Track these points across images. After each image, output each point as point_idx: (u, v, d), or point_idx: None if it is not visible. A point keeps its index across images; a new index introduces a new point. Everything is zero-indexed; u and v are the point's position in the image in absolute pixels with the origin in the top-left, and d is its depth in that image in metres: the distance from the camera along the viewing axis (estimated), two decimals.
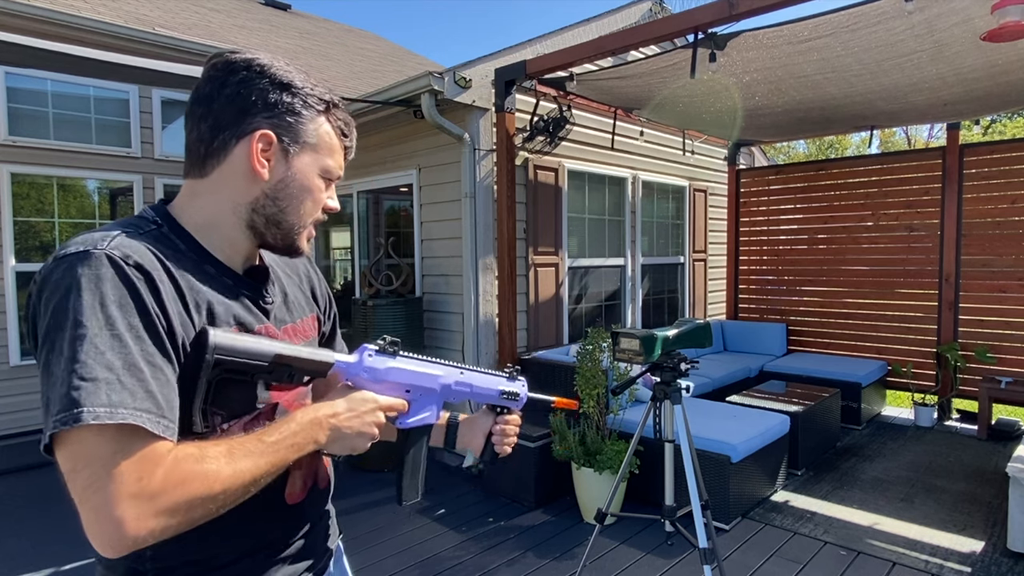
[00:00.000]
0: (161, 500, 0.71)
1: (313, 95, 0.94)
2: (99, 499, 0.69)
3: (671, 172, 6.68)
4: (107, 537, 0.69)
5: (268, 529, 0.97)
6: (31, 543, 3.46)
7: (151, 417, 0.73)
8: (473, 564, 3.18)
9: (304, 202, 0.96)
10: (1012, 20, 2.81)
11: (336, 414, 0.91)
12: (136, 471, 0.71)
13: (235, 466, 0.78)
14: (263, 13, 9.20)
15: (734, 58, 3.93)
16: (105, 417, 0.69)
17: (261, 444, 0.82)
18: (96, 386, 0.70)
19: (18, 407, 4.98)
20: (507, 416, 1.23)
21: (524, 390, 1.22)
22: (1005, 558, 3.14)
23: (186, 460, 0.75)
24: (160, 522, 0.71)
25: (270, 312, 0.99)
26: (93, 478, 0.70)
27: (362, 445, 0.94)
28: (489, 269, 4.69)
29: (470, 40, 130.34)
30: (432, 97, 4.33)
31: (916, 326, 5.95)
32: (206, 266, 0.91)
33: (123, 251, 0.79)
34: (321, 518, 1.10)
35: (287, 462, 0.85)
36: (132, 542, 0.70)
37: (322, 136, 0.95)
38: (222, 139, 0.90)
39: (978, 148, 5.69)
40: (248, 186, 0.92)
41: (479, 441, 1.23)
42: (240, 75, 0.90)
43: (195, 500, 0.74)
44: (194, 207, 0.93)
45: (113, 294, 0.75)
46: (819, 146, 22.20)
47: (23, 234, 5.05)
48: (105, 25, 5.05)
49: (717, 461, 3.50)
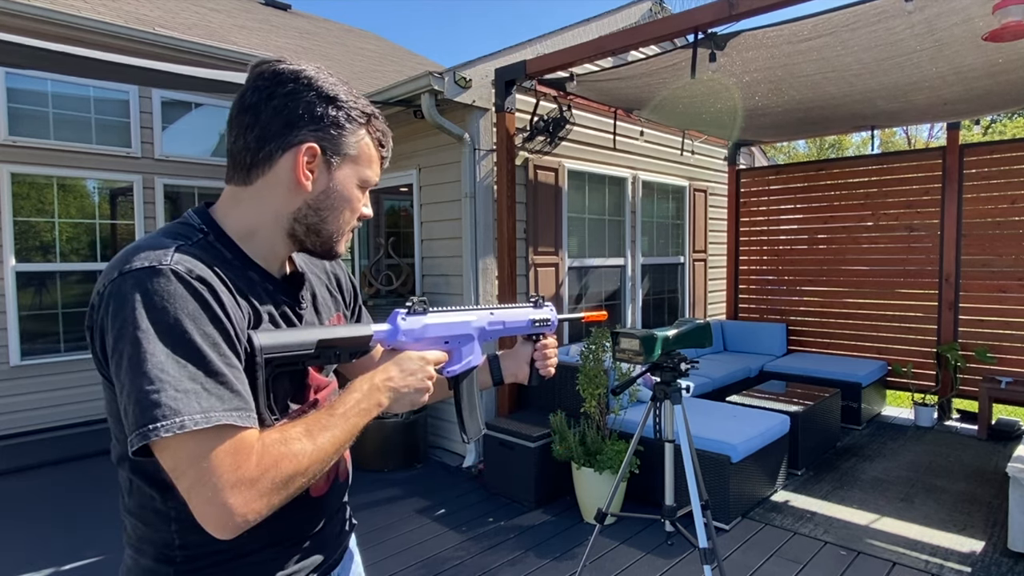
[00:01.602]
0: (260, 483, 0.79)
1: (356, 108, 0.97)
2: (207, 492, 0.76)
3: (671, 172, 6.68)
4: (222, 523, 0.77)
5: (293, 521, 1.00)
6: (32, 543, 3.46)
7: (239, 414, 0.80)
8: (473, 564, 3.18)
9: (343, 211, 0.99)
10: (1013, 20, 2.81)
11: (390, 377, 0.98)
12: (233, 461, 0.78)
13: (316, 442, 0.85)
14: (263, 13, 9.20)
15: (734, 58, 3.93)
16: (203, 423, 0.76)
17: (332, 417, 0.89)
18: (187, 396, 0.77)
19: (18, 407, 4.98)
20: (544, 340, 1.32)
21: (553, 314, 1.31)
22: (1005, 558, 3.14)
23: (273, 444, 0.82)
24: (264, 502, 0.79)
25: (303, 318, 1.04)
26: (198, 475, 0.76)
27: (420, 399, 1.02)
28: (489, 269, 4.69)
29: (470, 40, 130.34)
30: (432, 97, 4.33)
31: (916, 326, 5.95)
32: (250, 272, 0.95)
33: (186, 265, 0.83)
34: (339, 511, 1.15)
35: (359, 428, 0.93)
36: (244, 523, 0.78)
37: (362, 148, 0.98)
38: (268, 150, 0.92)
39: (978, 148, 5.69)
40: (291, 196, 0.95)
41: (524, 370, 1.33)
42: (288, 87, 0.92)
43: (289, 477, 0.82)
44: (237, 214, 0.96)
45: (184, 307, 0.80)
46: (819, 146, 22.20)
47: (23, 234, 5.05)
48: (105, 25, 5.06)
49: (717, 461, 3.50)
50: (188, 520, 0.80)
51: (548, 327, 1.30)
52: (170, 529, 0.90)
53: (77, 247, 5.35)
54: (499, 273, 4.57)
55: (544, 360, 1.31)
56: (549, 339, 1.32)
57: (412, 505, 3.94)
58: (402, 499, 4.05)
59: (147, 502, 0.91)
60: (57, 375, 5.15)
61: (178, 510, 0.88)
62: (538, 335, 1.31)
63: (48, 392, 5.11)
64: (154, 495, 0.89)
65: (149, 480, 0.89)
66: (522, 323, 1.24)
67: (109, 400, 0.87)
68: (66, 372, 5.18)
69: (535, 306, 1.28)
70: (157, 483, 0.88)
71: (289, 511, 0.96)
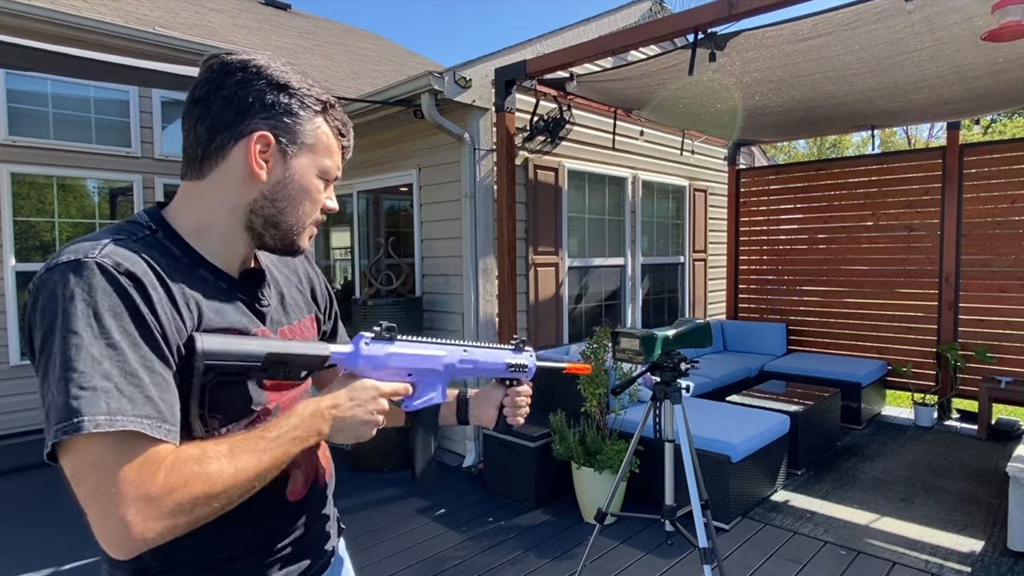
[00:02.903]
0: (164, 502, 0.73)
1: (310, 95, 0.94)
2: (104, 504, 0.71)
3: (671, 172, 6.68)
4: (115, 540, 0.72)
5: (270, 527, 0.98)
6: (32, 542, 3.46)
7: (151, 423, 0.74)
8: (473, 564, 3.18)
9: (303, 203, 0.95)
10: (1013, 20, 2.81)
11: (337, 404, 0.91)
12: (137, 476, 0.72)
13: (237, 464, 0.79)
14: (263, 13, 9.20)
15: (734, 58, 3.93)
16: (105, 425, 0.71)
17: (263, 440, 0.83)
18: (95, 395, 0.71)
19: (18, 407, 4.98)
20: (517, 388, 1.22)
21: (532, 360, 1.21)
22: (1005, 558, 3.14)
23: (187, 462, 0.76)
24: (165, 523, 0.73)
25: (266, 315, 0.99)
26: (96, 484, 0.71)
27: (367, 433, 0.95)
28: (489, 269, 4.69)
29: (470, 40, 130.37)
30: (432, 97, 4.33)
31: (916, 326, 5.95)
32: (201, 271, 0.91)
33: (113, 259, 0.79)
34: (322, 515, 1.10)
35: (291, 456, 0.86)
36: (141, 543, 0.72)
37: (320, 137, 0.95)
38: (219, 141, 0.89)
39: (978, 148, 5.69)
40: (246, 188, 0.92)
41: (491, 414, 1.24)
42: (237, 76, 0.89)
43: (197, 500, 0.75)
44: (190, 209, 0.93)
45: (106, 302, 0.76)
46: (819, 146, 22.20)
47: (23, 234, 5.05)
48: (105, 25, 5.06)
49: (717, 461, 3.50)
50: None
51: (524, 374, 1.20)
52: None
53: None
54: (499, 273, 4.57)
55: (514, 408, 1.22)
56: (523, 387, 1.23)
57: (412, 505, 3.94)
58: (402, 499, 4.05)
59: None
60: None
61: None
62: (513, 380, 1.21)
63: None
64: None
65: None
66: (496, 366, 1.15)
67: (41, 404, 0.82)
68: None
69: (515, 350, 1.19)
70: None
71: (267, 516, 0.94)
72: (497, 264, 4.63)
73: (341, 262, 6.91)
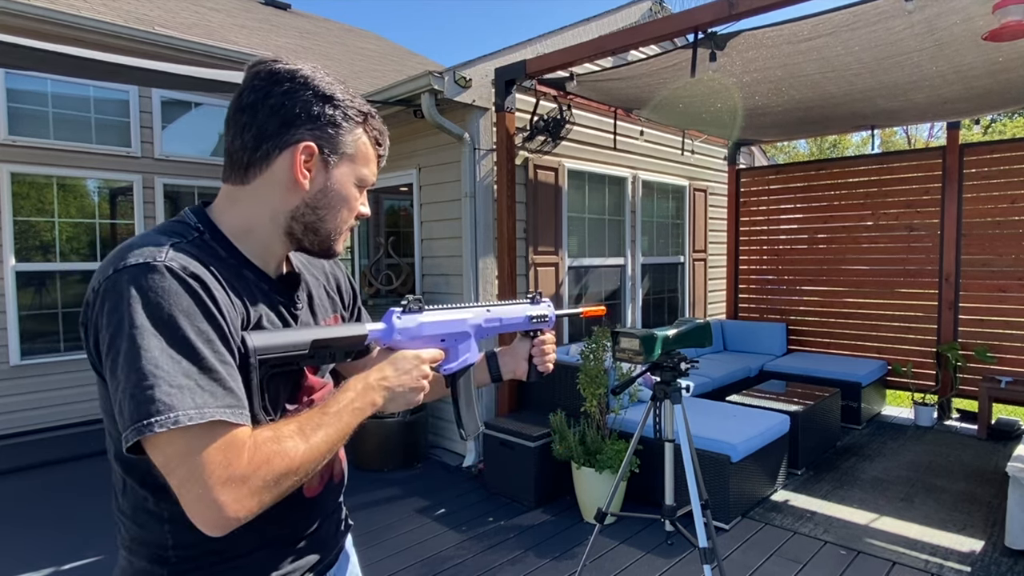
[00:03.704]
0: (252, 481, 0.78)
1: (353, 107, 0.97)
2: (198, 489, 0.76)
3: (671, 172, 6.68)
4: (212, 520, 0.77)
5: (286, 521, 1.00)
6: (32, 542, 3.46)
7: (231, 411, 0.80)
8: (473, 563, 3.18)
9: (341, 210, 0.99)
10: (1013, 20, 2.81)
11: (385, 376, 0.98)
12: (224, 459, 0.77)
13: (309, 440, 0.85)
14: (263, 12, 9.20)
15: (734, 58, 3.93)
16: (197, 418, 0.76)
17: (326, 415, 0.89)
18: (182, 392, 0.77)
19: (18, 407, 4.98)
20: (542, 336, 1.31)
21: (551, 310, 1.31)
22: (1005, 557, 3.14)
23: (265, 442, 0.82)
24: (255, 500, 0.79)
25: (299, 318, 1.04)
26: (189, 471, 0.76)
27: (415, 399, 1.02)
28: (489, 269, 4.69)
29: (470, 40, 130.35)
30: (432, 97, 4.33)
31: (916, 326, 5.95)
32: (245, 271, 0.95)
33: (180, 262, 0.83)
34: (334, 511, 1.14)
35: (352, 428, 0.92)
36: (235, 521, 0.78)
37: (359, 147, 0.99)
38: (265, 149, 0.92)
39: (978, 148, 5.69)
40: (289, 195, 0.95)
41: (523, 366, 1.32)
42: (284, 86, 0.92)
43: (280, 476, 0.81)
44: (233, 213, 0.96)
45: (179, 304, 0.81)
46: (819, 145, 22.20)
47: (23, 234, 5.05)
48: (105, 25, 5.06)
49: (717, 461, 3.50)
50: (181, 521, 0.80)
51: (546, 323, 1.30)
52: (163, 530, 0.90)
53: (77, 247, 5.35)
54: (499, 273, 4.57)
55: (542, 356, 1.31)
56: (547, 335, 1.32)
57: (412, 505, 3.94)
58: (402, 499, 4.05)
59: (140, 503, 0.91)
60: (57, 375, 5.16)
61: (171, 511, 0.88)
62: (536, 331, 1.30)
63: (48, 392, 5.11)
64: (147, 496, 0.89)
65: (141, 481, 0.89)
66: (519, 319, 1.24)
67: (103, 397, 0.87)
68: (66, 372, 5.18)
69: (532, 302, 1.28)
70: (149, 484, 0.88)
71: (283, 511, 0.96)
72: (497, 264, 4.63)
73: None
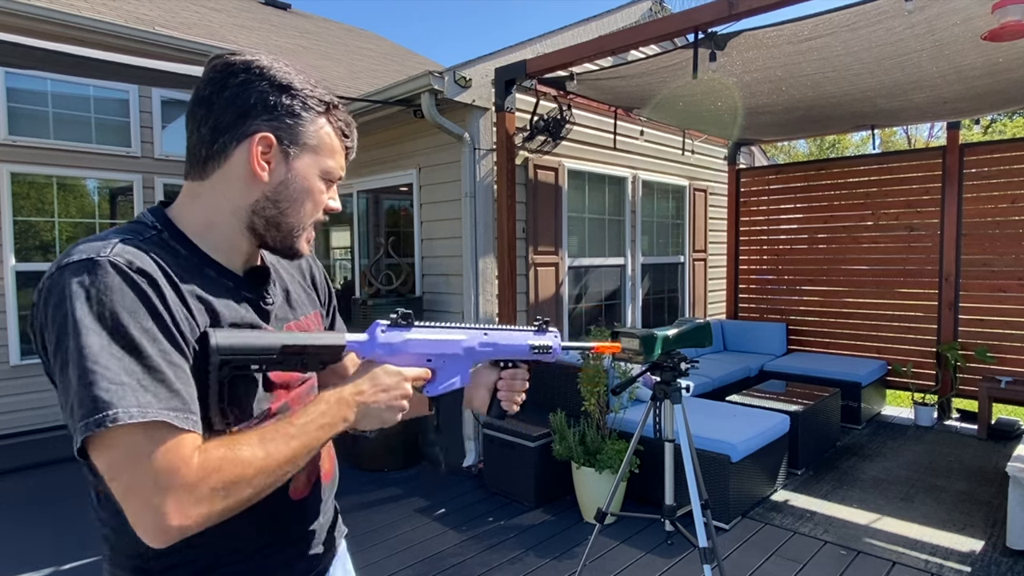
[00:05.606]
0: (199, 488, 0.74)
1: (313, 96, 0.94)
2: (141, 495, 0.73)
3: (671, 172, 6.68)
4: (154, 529, 0.73)
5: (273, 526, 0.97)
6: (32, 542, 3.46)
7: (177, 414, 0.76)
8: (473, 563, 3.18)
9: (304, 204, 0.96)
10: (1013, 20, 2.81)
11: (361, 391, 0.92)
12: (169, 464, 0.73)
13: (267, 448, 0.81)
14: (263, 12, 9.20)
15: (734, 58, 3.93)
16: (138, 416, 0.72)
17: (292, 427, 0.85)
18: (123, 389, 0.73)
19: (18, 407, 4.98)
20: (513, 369, 1.13)
21: (557, 341, 1.13)
22: (1005, 557, 3.14)
23: (217, 449, 0.78)
24: (202, 509, 0.74)
25: (270, 313, 1.00)
26: (132, 476, 0.73)
27: (392, 418, 0.95)
28: (489, 269, 4.69)
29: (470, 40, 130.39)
30: (432, 97, 4.33)
31: (916, 326, 5.95)
32: (206, 270, 0.92)
33: (126, 257, 0.80)
34: (325, 514, 1.10)
35: (320, 442, 0.87)
36: (178, 531, 0.73)
37: (322, 137, 0.95)
38: (222, 142, 0.90)
39: (978, 148, 5.69)
40: (248, 188, 0.92)
41: (482, 396, 1.16)
42: (240, 77, 0.90)
43: (231, 484, 0.76)
44: (194, 209, 0.93)
45: (122, 300, 0.77)
46: (819, 145, 22.20)
47: (23, 234, 5.05)
48: (105, 25, 5.05)
49: (717, 461, 3.50)
50: None
51: (548, 356, 1.12)
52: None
53: None
54: (499, 273, 4.57)
55: (510, 392, 1.13)
56: (522, 368, 1.14)
57: (412, 505, 3.94)
58: (402, 499, 4.05)
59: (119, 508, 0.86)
60: None
61: None
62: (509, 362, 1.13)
63: (47, 392, 5.11)
64: None
65: None
66: (519, 347, 1.09)
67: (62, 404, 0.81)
68: None
69: (538, 331, 1.12)
70: None
71: (270, 514, 0.94)
72: (497, 264, 4.62)
73: (341, 262, 6.91)
